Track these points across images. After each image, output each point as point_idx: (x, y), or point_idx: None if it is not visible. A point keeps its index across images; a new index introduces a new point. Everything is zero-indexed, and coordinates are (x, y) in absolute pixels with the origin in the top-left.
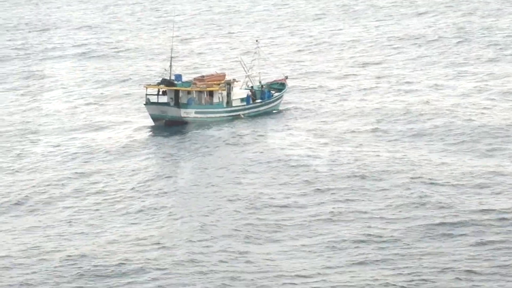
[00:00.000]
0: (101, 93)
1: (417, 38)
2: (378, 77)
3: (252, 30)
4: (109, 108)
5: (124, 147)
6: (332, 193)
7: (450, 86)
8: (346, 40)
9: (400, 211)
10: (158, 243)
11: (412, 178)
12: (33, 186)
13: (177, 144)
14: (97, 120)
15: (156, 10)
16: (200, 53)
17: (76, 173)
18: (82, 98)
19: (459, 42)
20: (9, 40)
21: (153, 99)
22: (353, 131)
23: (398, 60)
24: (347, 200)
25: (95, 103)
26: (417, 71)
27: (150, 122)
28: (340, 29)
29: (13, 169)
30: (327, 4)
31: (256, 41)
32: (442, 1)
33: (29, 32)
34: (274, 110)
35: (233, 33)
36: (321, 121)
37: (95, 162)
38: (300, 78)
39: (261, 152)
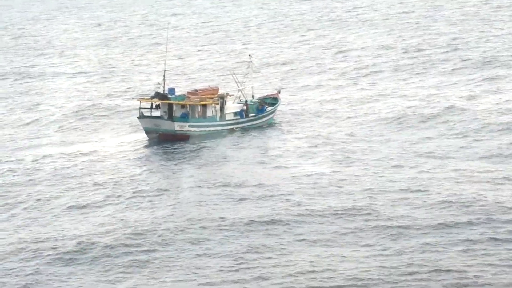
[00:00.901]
0: (95, 108)
1: (408, 48)
2: (370, 87)
3: (246, 44)
4: (103, 122)
5: (117, 160)
6: (327, 201)
7: (441, 95)
8: (338, 51)
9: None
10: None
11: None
12: (25, 195)
13: (170, 156)
14: (90, 134)
15: (151, 26)
16: (193, 67)
17: (68, 183)
18: (75, 112)
19: (449, 51)
20: (4, 59)
21: (147, 112)
22: (344, 141)
23: (390, 69)
24: (342, 207)
25: (88, 117)
26: (409, 81)
27: (144, 136)
28: (334, 41)
29: (5, 178)
30: (320, 17)
31: (249, 55)
32: (432, 14)
33: (23, 50)
34: (267, 123)
35: (227, 47)
36: (314, 133)
37: (88, 174)
38: (293, 91)
39: (254, 164)
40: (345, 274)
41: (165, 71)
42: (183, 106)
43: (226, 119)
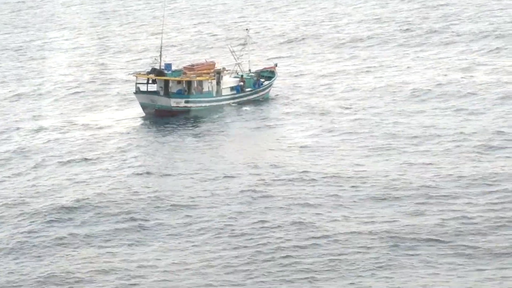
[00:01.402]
0: (91, 82)
1: (405, 21)
2: (366, 60)
3: (243, 18)
4: (99, 96)
5: (111, 132)
6: (317, 182)
7: (436, 68)
8: (335, 24)
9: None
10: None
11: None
12: (15, 164)
13: (164, 131)
14: (86, 108)
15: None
16: (191, 41)
17: (59, 154)
18: (71, 86)
19: (445, 24)
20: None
21: (143, 87)
22: (340, 115)
23: (386, 42)
24: (335, 176)
25: (84, 91)
26: (405, 54)
27: (140, 110)
28: (331, 13)
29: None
30: None
31: (246, 29)
32: None
33: (22, 24)
34: (264, 98)
35: (225, 20)
36: (310, 107)
37: (80, 145)
38: (290, 64)
39: (249, 138)
40: (335, 238)
41: (161, 46)
42: (179, 82)
43: (223, 94)
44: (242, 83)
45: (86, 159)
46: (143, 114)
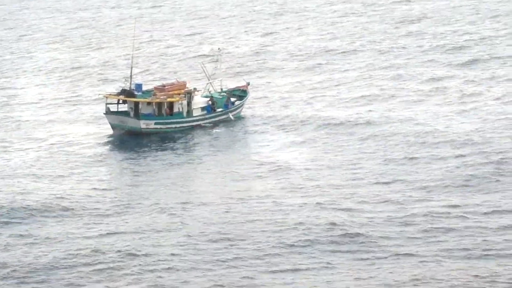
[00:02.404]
0: (60, 100)
1: (375, 35)
2: (338, 74)
3: (215, 34)
4: (69, 116)
5: (81, 155)
6: (286, 202)
7: (408, 78)
8: (306, 40)
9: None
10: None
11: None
12: None
13: (134, 154)
14: (55, 127)
15: (123, 15)
16: (161, 59)
17: (23, 176)
18: (40, 106)
19: (416, 37)
20: None
21: (113, 107)
22: (313, 130)
23: (357, 55)
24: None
25: (53, 110)
26: (376, 65)
27: (110, 131)
28: (300, 28)
29: None
30: (284, 4)
31: (218, 49)
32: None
33: None
34: (235, 117)
35: (197, 37)
36: (281, 127)
37: (50, 167)
38: (261, 82)
39: (218, 163)
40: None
41: (132, 67)
42: (149, 103)
43: (193, 115)
44: (211, 102)
45: (49, 175)
46: (112, 134)
